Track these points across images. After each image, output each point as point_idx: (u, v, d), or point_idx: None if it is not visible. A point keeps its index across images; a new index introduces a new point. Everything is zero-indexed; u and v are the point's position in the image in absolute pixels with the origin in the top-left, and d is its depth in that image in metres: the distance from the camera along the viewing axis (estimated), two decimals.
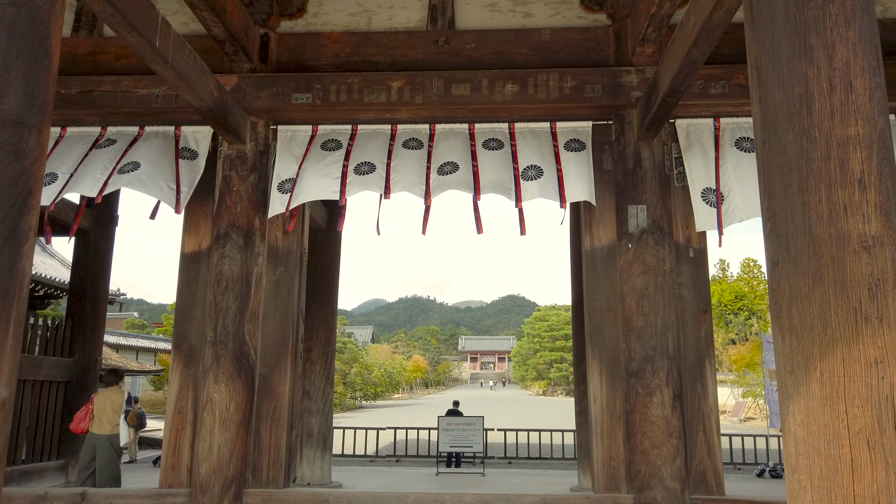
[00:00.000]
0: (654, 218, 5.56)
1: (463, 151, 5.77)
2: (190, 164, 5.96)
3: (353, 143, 5.93)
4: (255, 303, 5.73)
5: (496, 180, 5.54)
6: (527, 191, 5.49)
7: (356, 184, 5.61)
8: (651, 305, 5.42)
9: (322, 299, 8.71)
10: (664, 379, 5.30)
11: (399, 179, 5.61)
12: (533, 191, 5.49)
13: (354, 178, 5.64)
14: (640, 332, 5.40)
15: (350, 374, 41.96)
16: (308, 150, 5.94)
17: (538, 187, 5.50)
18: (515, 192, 5.48)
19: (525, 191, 5.49)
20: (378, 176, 5.63)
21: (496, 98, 5.77)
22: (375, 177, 5.63)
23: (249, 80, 5.91)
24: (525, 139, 5.85)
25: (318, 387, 8.49)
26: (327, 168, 5.75)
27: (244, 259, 5.73)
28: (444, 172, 5.60)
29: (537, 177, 5.57)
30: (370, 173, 5.65)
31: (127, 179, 5.54)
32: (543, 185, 5.52)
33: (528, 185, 5.53)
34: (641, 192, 5.62)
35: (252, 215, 5.83)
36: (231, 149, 5.92)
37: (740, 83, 5.67)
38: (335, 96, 5.85)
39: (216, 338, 5.57)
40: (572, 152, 5.75)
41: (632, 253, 5.55)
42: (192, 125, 6.11)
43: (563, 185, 5.56)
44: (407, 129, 6.01)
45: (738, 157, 5.62)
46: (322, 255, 8.83)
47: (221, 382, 5.48)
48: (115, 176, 5.59)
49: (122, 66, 6.25)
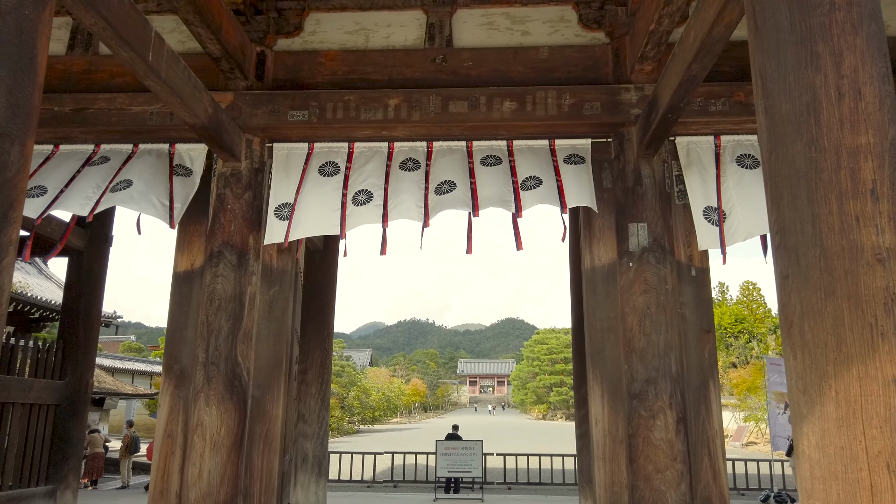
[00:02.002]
0: (656, 236, 5.48)
1: (460, 169, 5.70)
2: (184, 180, 5.88)
3: (351, 166, 5.86)
4: (249, 323, 5.62)
5: (494, 195, 5.47)
6: (526, 199, 5.42)
7: (355, 216, 5.54)
8: (653, 325, 5.31)
9: (318, 321, 8.59)
10: (667, 401, 5.17)
11: (396, 206, 5.53)
12: (533, 198, 5.42)
13: (353, 211, 5.56)
14: (642, 353, 5.28)
15: (348, 398, 41.59)
16: (305, 172, 5.86)
17: (538, 195, 5.43)
18: (515, 203, 5.40)
19: (525, 199, 5.42)
20: (375, 206, 5.56)
21: (494, 115, 5.71)
22: (373, 206, 5.55)
23: (245, 97, 5.86)
24: (523, 155, 5.79)
25: (314, 410, 8.33)
26: (326, 198, 5.67)
27: (238, 278, 5.62)
28: (441, 192, 5.52)
29: (536, 186, 5.49)
30: (368, 203, 5.58)
31: (119, 198, 5.46)
32: (543, 192, 5.44)
33: (527, 194, 5.45)
34: (642, 210, 5.54)
35: (246, 234, 5.74)
36: (226, 166, 5.84)
37: (740, 101, 5.61)
38: (332, 114, 5.80)
39: (208, 359, 5.44)
40: (572, 164, 5.69)
41: (633, 272, 5.45)
42: (186, 143, 6.04)
43: (563, 191, 5.49)
44: (404, 147, 5.95)
45: (739, 175, 5.54)
46: (318, 276, 8.73)
47: (213, 405, 5.34)
48: (108, 195, 5.51)
49: (117, 84, 6.21)
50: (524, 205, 5.41)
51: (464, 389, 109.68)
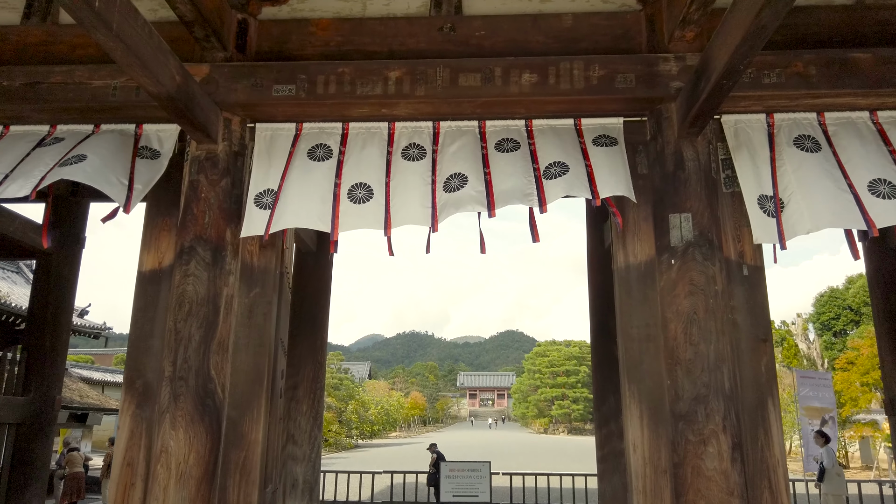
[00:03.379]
0: (701, 229, 4.67)
1: (472, 158, 4.89)
2: (149, 163, 5.07)
3: (346, 150, 5.05)
4: (224, 331, 4.79)
5: (513, 188, 4.65)
6: (551, 190, 4.59)
7: (352, 216, 4.71)
8: (701, 333, 4.49)
9: (310, 330, 7.76)
10: (720, 423, 4.33)
11: (400, 208, 4.70)
12: (558, 189, 4.59)
13: (349, 208, 4.74)
14: (689, 366, 4.46)
15: (346, 412, 40.64)
16: (292, 155, 5.06)
17: (564, 184, 4.60)
18: (538, 196, 4.57)
19: (549, 191, 4.60)
20: (376, 205, 4.74)
21: (511, 90, 4.91)
22: (373, 206, 4.73)
23: (223, 70, 5.06)
24: (545, 136, 4.98)
25: (305, 430, 7.48)
26: (316, 186, 4.85)
27: (212, 278, 4.80)
28: (451, 188, 4.70)
29: (562, 173, 4.67)
30: (367, 201, 4.75)
31: (69, 171, 4.64)
32: (570, 181, 4.62)
33: (551, 183, 4.63)
34: (685, 198, 4.73)
35: (223, 227, 4.92)
36: (200, 149, 5.04)
37: (798, 72, 4.82)
38: (323, 88, 5.00)
39: (175, 373, 4.61)
40: (602, 147, 4.88)
41: (675, 270, 4.64)
42: (155, 123, 5.24)
43: (593, 178, 4.67)
44: (407, 128, 5.14)
45: (798, 159, 4.74)
46: (311, 281, 7.91)
47: (180, 428, 4.50)
48: (56, 169, 4.70)
49: (78, 56, 5.42)
50: (548, 197, 4.59)
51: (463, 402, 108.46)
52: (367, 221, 4.62)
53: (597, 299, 7.66)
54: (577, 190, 4.58)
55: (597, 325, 7.60)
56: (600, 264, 7.71)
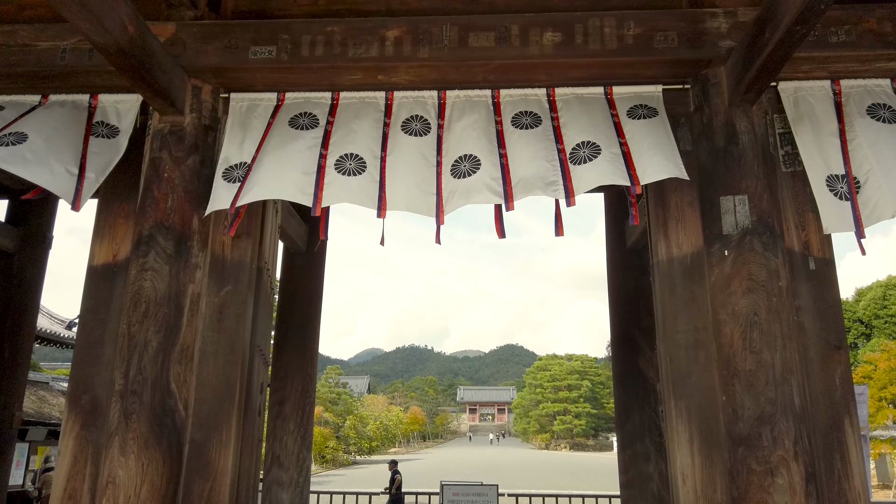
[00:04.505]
0: (760, 213, 3.89)
1: (485, 136, 4.12)
2: (105, 143, 4.30)
3: (335, 121, 4.29)
4: (189, 335, 4.00)
5: (534, 175, 3.86)
6: (580, 178, 3.81)
7: (338, 187, 3.93)
8: (764, 338, 3.70)
9: (299, 339, 6.95)
10: (790, 449, 3.53)
11: (398, 189, 3.92)
12: (588, 176, 3.80)
13: (336, 180, 3.95)
14: (750, 379, 3.66)
15: (344, 428, 39.68)
16: (271, 125, 4.30)
17: (595, 170, 3.82)
18: (565, 186, 3.79)
19: (578, 179, 3.81)
20: (369, 180, 3.96)
21: (531, 51, 4.16)
22: (365, 181, 3.95)
23: (191, 29, 4.31)
24: (570, 109, 4.22)
25: (292, 451, 6.66)
26: (297, 156, 4.08)
27: (174, 273, 4.02)
28: (460, 174, 3.93)
29: (593, 156, 3.89)
30: (358, 174, 3.97)
31: (2, 154, 3.87)
32: (602, 166, 3.84)
33: (580, 169, 3.85)
34: (739, 178, 3.96)
35: (188, 213, 4.14)
36: (163, 121, 4.27)
37: (870, 29, 4.08)
38: (309, 50, 4.25)
39: (127, 386, 3.81)
40: (639, 120, 4.12)
41: (729, 263, 3.86)
42: (114, 93, 4.49)
43: (631, 160, 3.89)
44: (407, 97, 4.39)
45: (874, 131, 3.99)
46: (300, 284, 7.11)
47: (131, 454, 3.70)
48: None
49: (26, 17, 4.67)
50: (577, 187, 3.80)
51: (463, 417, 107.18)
52: (358, 197, 3.84)
53: (618, 306, 6.87)
54: (611, 176, 3.79)
55: (619, 334, 6.80)
56: (622, 266, 6.93)
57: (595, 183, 3.81)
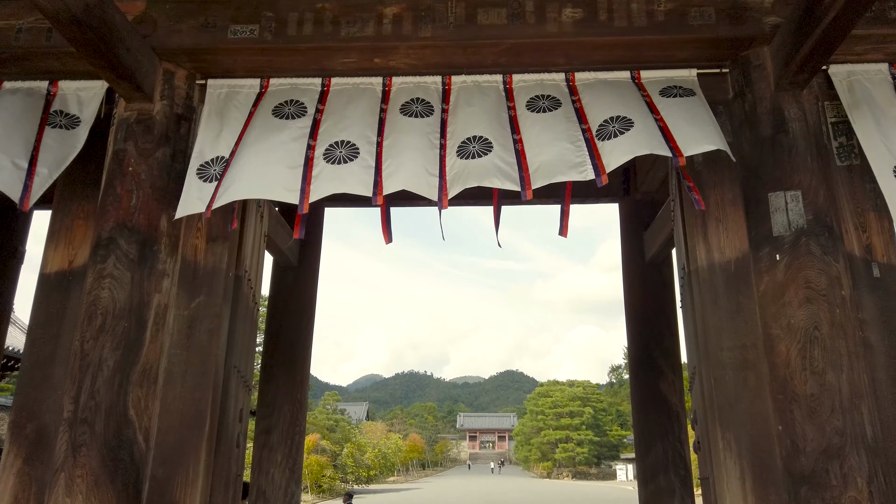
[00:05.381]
0: (816, 211, 3.36)
1: (496, 120, 3.60)
2: (62, 134, 3.78)
3: (325, 109, 3.77)
4: (152, 354, 3.43)
5: (555, 159, 3.33)
6: (612, 153, 3.27)
7: (327, 177, 3.39)
8: (827, 357, 3.14)
9: (288, 361, 6.37)
10: (864, 489, 2.96)
11: (396, 169, 3.39)
12: (623, 150, 3.26)
13: (325, 170, 3.42)
14: (812, 405, 3.10)
15: (341, 456, 38.69)
16: (252, 115, 3.78)
17: (629, 142, 3.28)
18: (594, 164, 3.25)
19: (609, 155, 3.27)
20: (362, 165, 3.42)
21: (548, 30, 3.66)
22: (358, 167, 3.41)
23: (163, 6, 3.81)
24: (593, 92, 3.71)
25: (279, 485, 6.03)
26: (282, 149, 3.54)
27: (137, 281, 3.47)
28: (468, 154, 3.40)
29: (624, 129, 3.36)
30: (350, 161, 3.44)
31: None
32: (636, 137, 3.31)
33: (610, 145, 3.32)
34: (790, 171, 3.44)
35: (156, 212, 3.61)
36: (130, 109, 3.75)
37: None
38: (296, 29, 3.75)
39: (77, 413, 3.24)
40: (674, 98, 3.60)
41: (782, 269, 3.31)
42: (76, 79, 3.98)
43: (670, 133, 3.36)
44: (407, 83, 3.87)
45: None
46: (291, 301, 6.55)
47: (78, 494, 3.11)
48: None
49: None
50: (608, 162, 3.27)
51: (463, 445, 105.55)
52: (349, 184, 3.30)
53: (637, 325, 6.31)
54: (647, 146, 3.25)
55: (638, 356, 6.24)
56: (640, 282, 6.39)
57: (629, 154, 3.26)
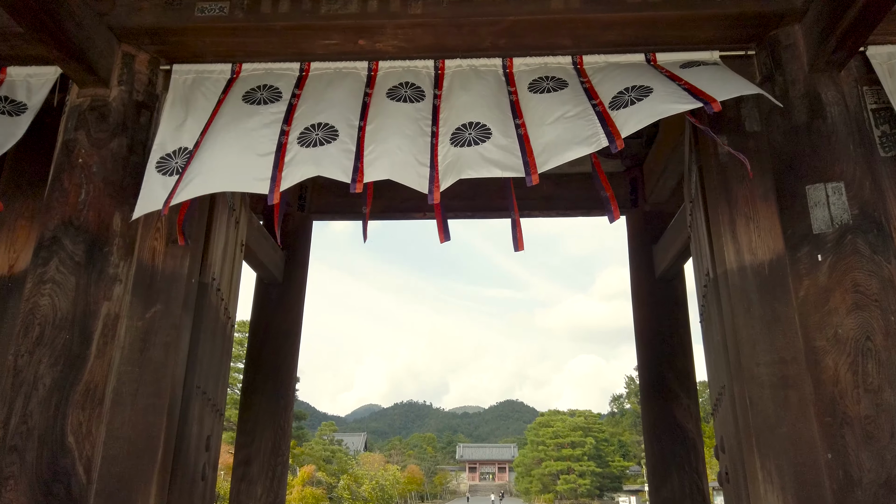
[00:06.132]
0: (863, 205, 2.93)
1: (496, 105, 3.19)
2: (3, 121, 3.35)
3: (301, 93, 3.36)
4: (98, 370, 2.97)
5: (562, 136, 2.91)
6: (628, 119, 2.82)
7: (301, 162, 2.94)
8: (883, 372, 2.69)
9: (271, 385, 5.87)
10: None
11: (380, 156, 2.96)
12: (640, 114, 2.82)
13: (299, 155, 2.97)
14: (868, 429, 2.63)
15: (337, 488, 37.71)
16: (221, 102, 3.37)
17: (648, 106, 2.84)
18: (606, 132, 2.80)
19: (625, 121, 2.82)
20: (341, 148, 2.98)
21: (553, 5, 3.27)
22: (336, 150, 2.97)
23: None
24: (604, 71, 3.30)
25: None
26: (252, 136, 3.11)
27: (83, 287, 3.02)
28: (462, 142, 2.98)
29: (642, 96, 2.92)
30: (327, 143, 2.99)
31: None
32: (658, 99, 2.87)
33: (626, 112, 2.88)
34: (830, 160, 3.02)
35: (108, 210, 3.18)
36: (83, 95, 3.35)
37: None
38: (271, 6, 3.35)
39: (5, 440, 2.77)
40: (697, 67, 3.20)
41: (825, 271, 2.87)
42: (26, 65, 3.57)
43: (697, 89, 2.93)
44: (396, 67, 3.47)
45: None
46: (275, 321, 6.07)
47: None
48: None
49: None
50: (624, 127, 2.81)
51: (463, 476, 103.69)
52: (325, 167, 2.86)
53: (648, 346, 5.84)
54: (671, 105, 2.81)
55: (650, 379, 5.75)
56: (650, 299, 5.93)
57: (649, 117, 2.82)
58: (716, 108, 2.78)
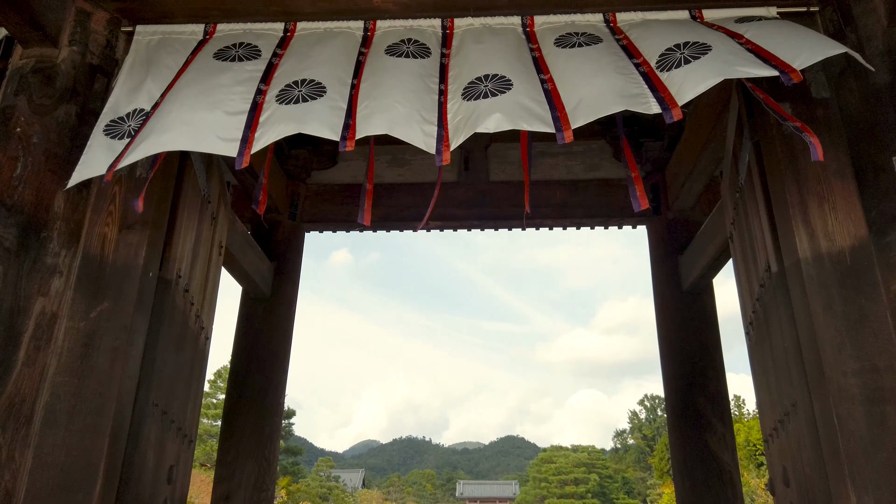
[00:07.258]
0: None
1: (516, 59, 2.67)
2: None
3: (284, 53, 2.85)
4: (26, 381, 2.40)
5: (603, 90, 2.38)
6: (683, 82, 2.30)
7: (278, 120, 2.40)
8: None
9: (256, 410, 5.26)
10: None
11: (377, 110, 2.41)
12: (698, 74, 2.29)
13: (276, 112, 2.43)
14: None
15: None
16: (190, 62, 2.85)
17: (707, 66, 2.32)
18: (656, 95, 2.29)
19: (678, 83, 2.31)
20: (329, 104, 2.43)
21: None
22: (322, 106, 2.42)
23: None
24: (643, 28, 2.80)
25: None
26: (221, 92, 2.57)
27: (12, 278, 2.47)
28: (479, 94, 2.44)
29: (698, 55, 2.40)
30: (312, 100, 2.45)
31: None
32: (718, 59, 2.35)
33: (681, 72, 2.36)
34: None
35: (50, 188, 2.65)
36: (27, 56, 2.84)
37: None
38: None
39: None
40: (757, 21, 2.68)
41: None
42: None
43: (765, 50, 2.40)
44: (396, 27, 2.97)
45: None
46: (261, 339, 5.49)
47: None
48: None
49: None
50: (682, 92, 2.29)
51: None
52: (308, 124, 2.32)
53: (675, 367, 5.25)
54: (739, 68, 2.28)
55: (678, 405, 5.16)
56: (678, 314, 5.36)
57: (711, 79, 2.28)
58: (795, 79, 2.25)
